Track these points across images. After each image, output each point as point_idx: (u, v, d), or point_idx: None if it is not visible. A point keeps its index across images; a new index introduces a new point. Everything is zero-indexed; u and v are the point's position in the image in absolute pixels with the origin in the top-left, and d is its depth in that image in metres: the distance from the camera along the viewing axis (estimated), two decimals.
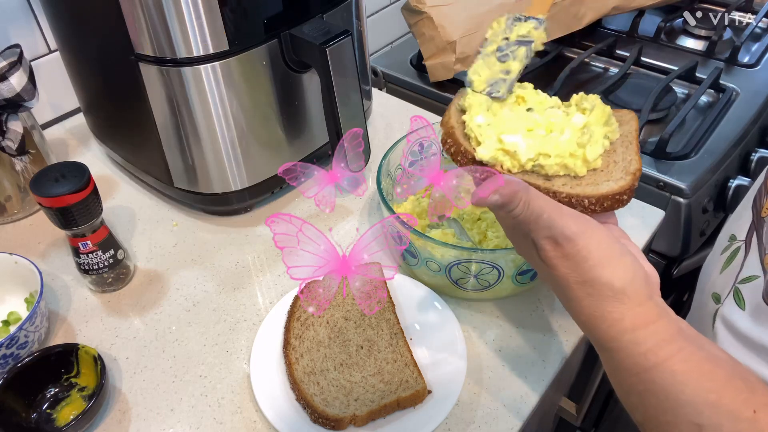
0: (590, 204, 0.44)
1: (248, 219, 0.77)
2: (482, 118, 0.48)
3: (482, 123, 0.48)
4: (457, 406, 0.56)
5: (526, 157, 0.45)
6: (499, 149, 0.46)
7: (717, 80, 1.00)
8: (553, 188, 0.45)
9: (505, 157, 0.46)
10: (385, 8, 1.23)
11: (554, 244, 0.40)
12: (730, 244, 0.59)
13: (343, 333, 0.60)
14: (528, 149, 0.46)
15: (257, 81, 0.67)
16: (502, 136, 0.46)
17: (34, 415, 0.56)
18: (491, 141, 0.46)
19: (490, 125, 0.47)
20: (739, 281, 0.54)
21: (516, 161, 0.46)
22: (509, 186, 0.40)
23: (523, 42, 0.53)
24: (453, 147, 0.48)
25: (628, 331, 0.39)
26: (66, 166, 0.60)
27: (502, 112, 0.49)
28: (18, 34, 0.84)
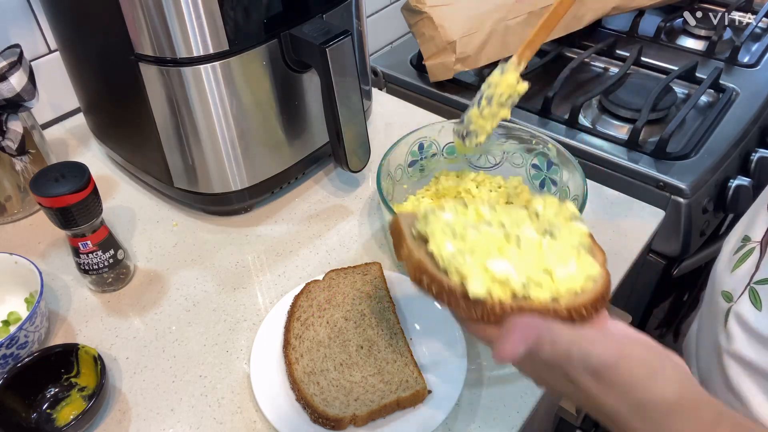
0: (587, 311, 0.41)
1: (248, 219, 0.77)
2: (451, 245, 0.42)
3: (453, 251, 0.42)
4: (457, 406, 0.56)
5: (519, 282, 0.40)
6: (489, 279, 0.40)
7: (717, 80, 1.00)
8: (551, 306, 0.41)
9: (497, 287, 0.40)
10: (385, 8, 1.23)
11: (595, 376, 0.36)
12: (744, 245, 0.59)
13: (343, 333, 0.60)
14: (519, 273, 0.41)
15: (257, 81, 0.67)
16: (487, 263, 0.40)
17: (34, 415, 0.56)
18: (478, 272, 0.40)
19: (462, 252, 0.42)
20: (755, 281, 0.54)
21: (508, 289, 0.40)
22: (530, 332, 0.37)
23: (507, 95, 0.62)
24: (433, 285, 0.41)
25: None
26: (66, 166, 0.60)
27: (469, 235, 0.43)
28: (18, 34, 0.84)
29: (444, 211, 0.45)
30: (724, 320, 0.58)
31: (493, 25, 0.96)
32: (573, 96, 1.00)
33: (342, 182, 0.83)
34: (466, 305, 0.40)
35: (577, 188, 0.66)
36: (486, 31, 0.96)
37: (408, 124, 0.92)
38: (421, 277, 0.42)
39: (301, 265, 0.71)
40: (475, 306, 0.40)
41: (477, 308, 0.40)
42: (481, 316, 0.40)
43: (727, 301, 0.58)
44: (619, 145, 0.90)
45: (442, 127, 0.75)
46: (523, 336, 0.37)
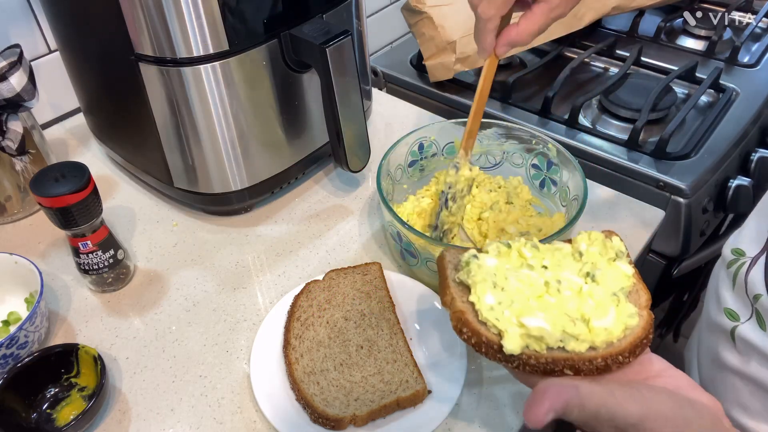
0: (624, 359, 0.41)
1: (248, 219, 0.77)
2: (492, 297, 0.43)
3: (493, 304, 0.43)
4: (457, 406, 0.56)
5: (554, 339, 0.41)
6: (523, 335, 0.41)
7: (717, 80, 1.00)
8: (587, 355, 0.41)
9: (531, 340, 0.41)
10: (385, 8, 1.23)
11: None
12: (737, 258, 0.59)
13: (343, 333, 0.60)
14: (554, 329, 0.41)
15: (257, 81, 0.67)
16: (522, 320, 0.41)
17: (34, 415, 0.56)
18: (513, 329, 0.41)
19: (501, 304, 0.42)
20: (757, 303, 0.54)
21: (543, 344, 0.41)
22: (560, 397, 0.37)
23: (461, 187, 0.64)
24: (474, 337, 0.42)
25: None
26: (66, 166, 0.60)
27: (510, 285, 0.44)
28: (18, 34, 0.84)
29: (487, 254, 0.46)
30: (730, 338, 0.58)
31: None
32: (573, 96, 1.00)
33: (342, 182, 0.83)
34: (502, 358, 0.41)
35: (577, 188, 0.66)
36: None
37: (408, 124, 0.92)
38: (462, 329, 0.43)
39: (301, 265, 0.71)
40: (511, 359, 0.41)
41: (513, 361, 0.41)
42: (516, 366, 0.41)
43: (731, 320, 0.58)
44: (619, 145, 0.90)
45: (442, 127, 0.75)
46: (551, 403, 0.37)
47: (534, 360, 0.41)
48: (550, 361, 0.40)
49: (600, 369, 0.40)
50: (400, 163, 0.73)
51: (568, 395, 0.37)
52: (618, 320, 0.42)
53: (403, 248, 0.65)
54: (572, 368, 0.40)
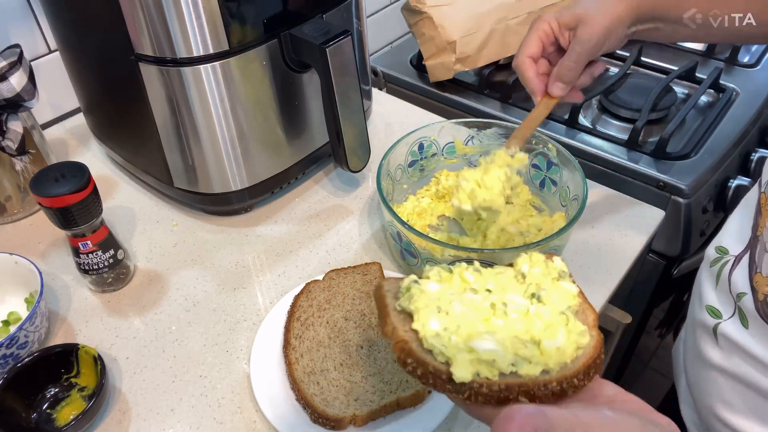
0: (579, 381, 0.40)
1: (248, 219, 0.77)
2: (436, 322, 0.41)
3: (439, 330, 0.41)
4: (457, 406, 0.56)
5: (506, 363, 0.39)
6: (474, 360, 0.39)
7: (717, 80, 1.00)
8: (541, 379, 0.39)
9: (482, 366, 0.39)
10: (385, 8, 1.23)
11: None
12: (721, 257, 0.59)
13: (343, 333, 0.60)
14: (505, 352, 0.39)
15: (257, 81, 0.67)
16: (471, 344, 0.39)
17: (34, 415, 0.56)
18: (462, 355, 0.39)
19: (447, 330, 0.40)
20: (740, 300, 0.54)
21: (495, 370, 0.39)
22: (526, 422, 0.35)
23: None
24: (419, 368, 0.39)
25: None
26: (66, 166, 0.60)
27: (454, 309, 0.42)
28: (18, 34, 0.84)
29: (428, 279, 0.44)
30: (713, 335, 0.58)
31: (493, 25, 0.96)
32: None
33: (342, 182, 0.83)
34: (452, 388, 0.39)
35: (577, 188, 0.66)
36: (486, 31, 0.96)
37: (408, 124, 0.92)
38: (406, 360, 0.40)
39: (301, 265, 0.71)
40: (462, 389, 0.38)
41: (464, 390, 0.38)
42: (468, 397, 0.38)
43: (713, 317, 0.58)
44: (619, 145, 0.90)
45: (442, 127, 0.75)
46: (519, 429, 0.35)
47: (486, 388, 0.38)
48: (504, 388, 0.38)
49: (556, 394, 0.39)
50: (400, 163, 0.73)
51: (536, 421, 0.35)
52: (569, 339, 0.40)
53: (403, 248, 0.65)
54: (527, 395, 0.38)
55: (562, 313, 0.42)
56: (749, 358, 0.54)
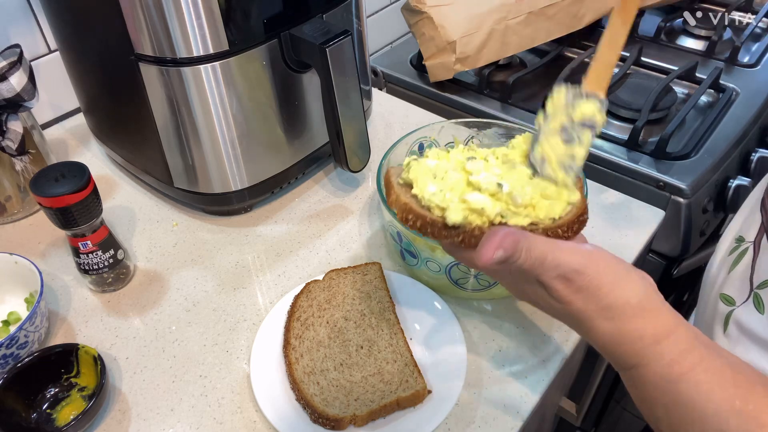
0: (563, 233, 0.45)
1: (248, 219, 0.77)
2: (433, 186, 0.47)
3: (435, 191, 0.46)
4: (457, 406, 0.56)
5: (494, 211, 0.44)
6: (466, 209, 0.45)
7: (717, 80, 1.00)
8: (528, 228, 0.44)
9: (474, 216, 0.44)
10: (385, 8, 1.23)
11: (565, 282, 0.40)
12: (738, 246, 0.59)
13: (343, 333, 0.60)
14: (494, 204, 0.44)
15: (257, 81, 0.67)
16: (465, 197, 0.45)
17: (34, 415, 0.56)
18: (455, 204, 0.45)
19: (442, 191, 0.46)
20: (756, 286, 0.54)
21: (485, 217, 0.44)
22: (509, 237, 0.40)
23: (588, 125, 0.48)
24: (418, 221, 0.46)
25: (650, 345, 0.39)
26: (66, 166, 0.60)
27: (449, 176, 0.48)
28: (18, 34, 0.84)
29: (427, 158, 0.50)
30: (723, 324, 0.58)
31: (493, 25, 0.96)
32: None
33: (342, 182, 0.83)
34: (447, 233, 0.45)
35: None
36: (486, 31, 0.96)
37: (408, 124, 0.92)
38: (407, 216, 0.46)
39: (301, 265, 0.71)
40: (456, 232, 0.44)
41: (457, 234, 0.44)
42: (461, 240, 0.44)
43: (727, 305, 0.58)
44: (619, 145, 0.90)
45: (442, 127, 0.75)
46: (500, 241, 0.40)
47: (478, 231, 0.43)
48: None
49: None
50: (400, 164, 0.73)
51: (519, 237, 0.40)
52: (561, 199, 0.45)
53: (403, 248, 0.65)
54: None
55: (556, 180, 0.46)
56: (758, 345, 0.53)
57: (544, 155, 0.48)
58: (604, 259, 0.41)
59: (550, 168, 0.47)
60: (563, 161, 0.47)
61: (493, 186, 0.45)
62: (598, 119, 0.48)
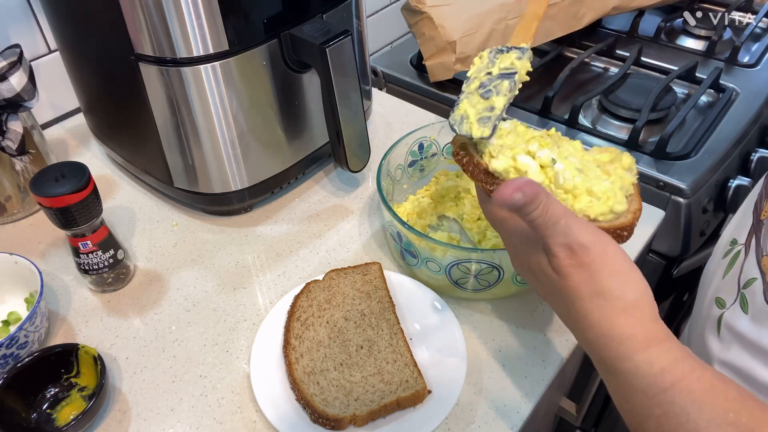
0: None
1: (248, 219, 0.77)
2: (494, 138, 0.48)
3: (495, 144, 0.48)
4: (457, 406, 0.56)
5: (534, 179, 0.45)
6: (511, 165, 0.46)
7: (717, 80, 1.00)
8: None
9: (515, 173, 0.46)
10: (385, 8, 1.23)
11: (569, 252, 0.39)
12: (732, 248, 0.59)
13: (343, 333, 0.60)
14: (538, 173, 0.45)
15: (257, 81, 0.67)
16: (515, 156, 0.46)
17: (34, 415, 0.56)
18: (505, 157, 0.47)
19: (502, 145, 0.48)
20: (743, 286, 0.54)
21: None
22: (531, 186, 0.39)
23: (506, 75, 0.49)
24: (465, 158, 0.48)
25: (641, 350, 0.38)
26: (66, 166, 0.60)
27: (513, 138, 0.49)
28: (18, 34, 0.84)
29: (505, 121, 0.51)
30: (716, 327, 0.58)
31: (493, 25, 0.96)
32: (573, 96, 1.00)
33: (342, 182, 0.83)
34: (484, 179, 0.46)
35: None
36: (486, 31, 0.96)
37: (408, 124, 0.92)
38: (459, 151, 0.49)
39: (301, 265, 0.71)
40: (492, 181, 0.46)
41: (492, 184, 0.46)
42: (494, 191, 0.45)
43: (719, 308, 0.58)
44: (619, 145, 0.90)
45: (442, 127, 0.75)
46: (522, 185, 0.39)
47: None
48: None
49: None
50: (400, 163, 0.73)
51: (540, 190, 0.40)
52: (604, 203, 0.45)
53: (403, 248, 0.65)
54: None
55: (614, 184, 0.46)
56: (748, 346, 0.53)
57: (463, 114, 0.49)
58: (614, 246, 0.40)
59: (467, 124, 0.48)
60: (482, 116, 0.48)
61: (547, 159, 0.45)
62: (518, 65, 0.50)
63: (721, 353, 0.57)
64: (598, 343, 0.40)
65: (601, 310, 0.39)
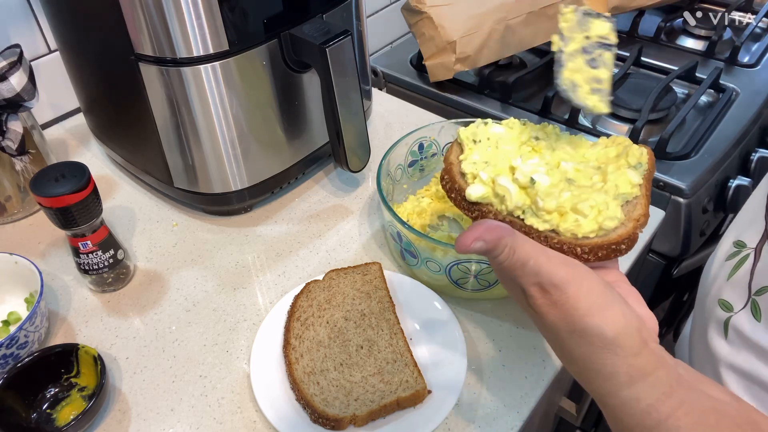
0: (583, 253, 0.41)
1: (248, 219, 0.77)
2: (478, 155, 0.46)
3: (477, 160, 0.45)
4: (457, 406, 0.56)
5: (514, 203, 0.43)
6: (490, 190, 0.44)
7: (717, 80, 1.00)
8: (545, 233, 0.42)
9: (495, 199, 0.43)
10: (385, 8, 1.23)
11: (542, 291, 0.38)
12: (738, 251, 0.58)
13: (343, 333, 0.60)
14: (518, 196, 0.43)
15: (257, 81, 0.67)
16: (495, 178, 0.44)
17: (34, 415, 0.56)
18: (480, 182, 0.45)
19: (487, 163, 0.45)
20: (755, 293, 0.54)
21: (504, 206, 0.43)
22: (493, 232, 0.38)
23: (605, 45, 0.47)
24: (448, 183, 0.46)
25: (625, 386, 0.37)
26: (66, 166, 0.60)
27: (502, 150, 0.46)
28: (18, 34, 0.84)
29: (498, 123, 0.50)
30: (723, 330, 0.58)
31: (493, 25, 0.96)
32: None
33: (342, 182, 0.83)
34: (466, 206, 0.45)
35: None
36: (486, 31, 0.96)
37: (408, 124, 0.92)
38: (444, 176, 0.47)
39: (301, 265, 0.71)
40: (473, 208, 0.45)
41: (472, 211, 0.45)
42: (475, 217, 0.45)
43: (725, 311, 0.57)
44: None
45: (442, 127, 0.75)
46: (482, 233, 0.38)
47: (492, 216, 0.43)
48: (507, 222, 0.42)
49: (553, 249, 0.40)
50: (400, 163, 0.73)
51: (504, 233, 0.38)
52: (593, 219, 0.42)
53: (403, 248, 0.65)
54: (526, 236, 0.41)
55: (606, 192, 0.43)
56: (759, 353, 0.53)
57: (573, 80, 0.45)
58: (589, 281, 0.38)
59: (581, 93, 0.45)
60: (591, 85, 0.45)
61: (526, 179, 0.43)
62: (613, 39, 0.47)
63: (730, 356, 0.56)
64: (584, 377, 0.39)
65: (581, 347, 0.38)
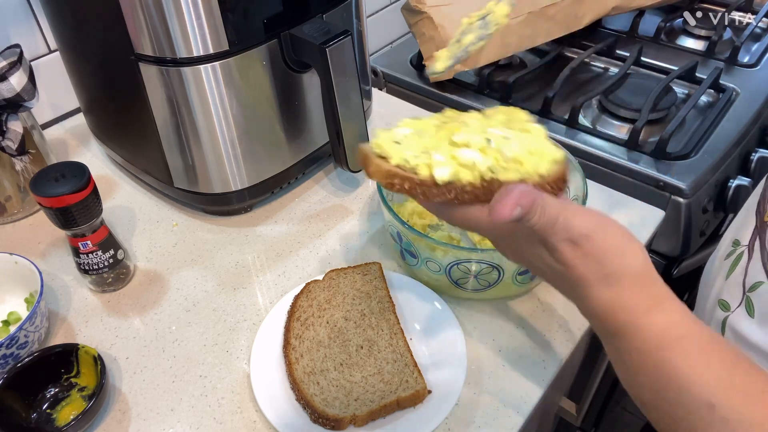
0: (552, 189, 0.44)
1: (248, 219, 0.77)
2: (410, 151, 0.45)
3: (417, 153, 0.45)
4: (457, 406, 0.56)
5: (485, 165, 0.43)
6: (455, 165, 0.43)
7: (717, 80, 1.00)
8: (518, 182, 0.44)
9: (464, 171, 0.43)
10: (385, 8, 1.23)
11: (573, 246, 0.40)
12: (734, 249, 0.58)
13: (343, 333, 0.60)
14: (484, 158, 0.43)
15: (257, 81, 0.67)
16: (454, 153, 0.44)
17: (34, 415, 0.56)
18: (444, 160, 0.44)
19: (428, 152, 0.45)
20: (748, 290, 0.54)
21: (476, 172, 0.43)
22: (527, 195, 0.39)
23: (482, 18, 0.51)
24: (406, 183, 0.44)
25: (643, 313, 0.39)
26: (66, 166, 0.60)
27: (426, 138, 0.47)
28: (18, 34, 0.84)
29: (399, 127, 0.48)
30: (720, 330, 0.58)
31: None
32: (573, 96, 1.00)
33: (342, 182, 0.83)
34: (438, 191, 0.43)
35: (577, 188, 0.66)
36: None
37: None
38: (393, 181, 0.44)
39: (301, 265, 0.71)
40: (447, 189, 0.43)
41: (449, 191, 0.43)
42: (455, 197, 0.43)
43: (723, 310, 0.58)
44: (619, 145, 0.90)
45: None
46: (519, 199, 0.39)
47: (470, 186, 0.43)
48: (487, 185, 0.43)
49: None
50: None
51: (535, 196, 0.40)
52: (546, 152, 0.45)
53: (403, 248, 0.65)
54: None
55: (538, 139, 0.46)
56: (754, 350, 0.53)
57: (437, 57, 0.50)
58: (611, 225, 0.41)
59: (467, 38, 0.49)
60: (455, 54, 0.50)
61: (482, 141, 0.44)
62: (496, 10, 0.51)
63: None
64: (603, 316, 0.41)
65: (608, 290, 0.40)
